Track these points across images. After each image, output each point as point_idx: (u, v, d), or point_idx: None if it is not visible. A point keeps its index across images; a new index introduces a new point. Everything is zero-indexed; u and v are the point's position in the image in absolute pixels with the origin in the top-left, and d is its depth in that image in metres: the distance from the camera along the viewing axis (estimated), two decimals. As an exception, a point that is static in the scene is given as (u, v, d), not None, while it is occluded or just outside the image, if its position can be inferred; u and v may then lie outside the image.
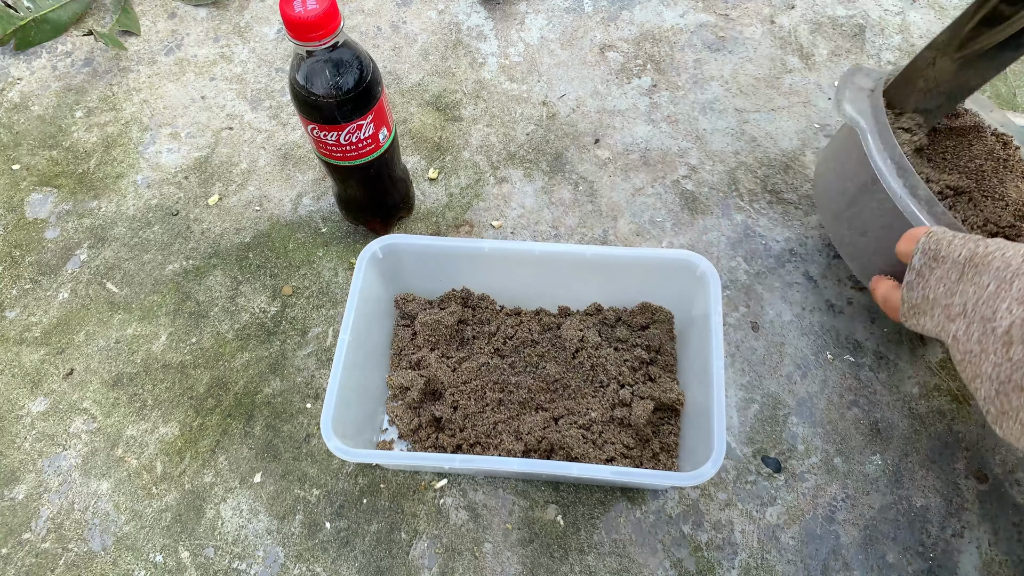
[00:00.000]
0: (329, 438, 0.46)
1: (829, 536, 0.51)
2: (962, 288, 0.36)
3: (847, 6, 0.80)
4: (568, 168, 0.69)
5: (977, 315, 0.35)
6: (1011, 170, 0.57)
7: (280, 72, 0.77)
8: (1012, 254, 0.35)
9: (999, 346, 0.33)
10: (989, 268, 0.35)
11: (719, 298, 0.50)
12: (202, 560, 0.51)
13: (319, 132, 0.51)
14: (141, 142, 0.72)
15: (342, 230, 0.66)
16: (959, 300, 0.36)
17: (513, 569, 0.50)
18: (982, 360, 0.34)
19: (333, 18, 0.45)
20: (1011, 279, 0.34)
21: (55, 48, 0.79)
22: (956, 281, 0.37)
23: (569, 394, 0.54)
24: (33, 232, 0.67)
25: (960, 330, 0.36)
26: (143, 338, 0.61)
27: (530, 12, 0.81)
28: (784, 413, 0.56)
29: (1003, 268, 0.35)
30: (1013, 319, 0.33)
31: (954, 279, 0.37)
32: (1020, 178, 0.56)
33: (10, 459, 0.56)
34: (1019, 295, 0.33)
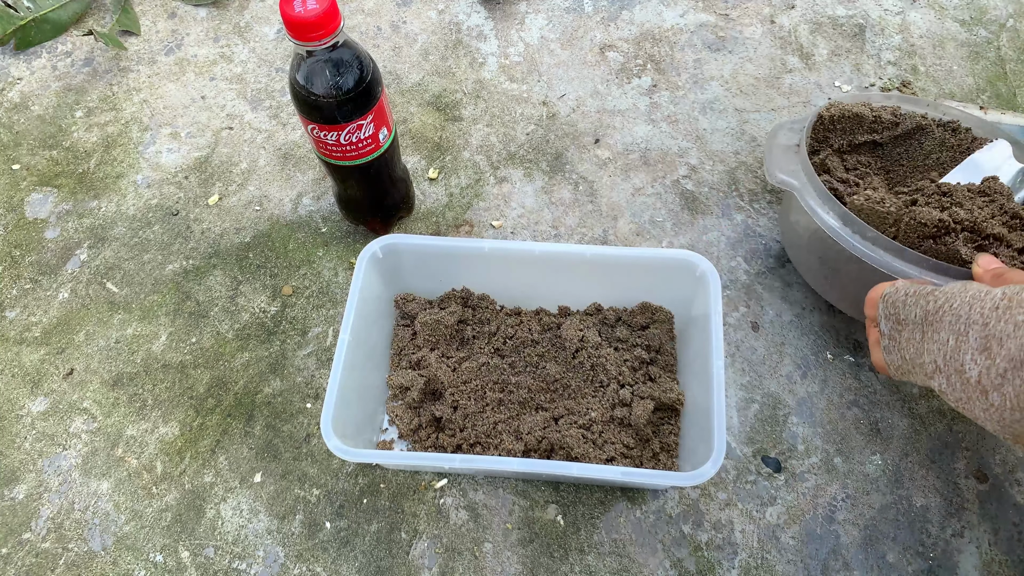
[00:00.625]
0: (329, 438, 0.46)
1: (829, 536, 0.51)
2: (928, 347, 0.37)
3: (847, 6, 0.80)
4: (568, 168, 0.69)
5: (950, 369, 0.35)
6: (966, 151, 0.57)
7: (280, 72, 0.77)
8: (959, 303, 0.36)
9: (977, 395, 0.34)
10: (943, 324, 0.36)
11: (719, 298, 0.50)
12: (202, 560, 0.51)
13: (319, 132, 0.51)
14: (141, 142, 0.72)
15: (342, 230, 0.66)
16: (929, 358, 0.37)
17: (513, 569, 0.50)
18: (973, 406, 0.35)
19: (333, 18, 0.45)
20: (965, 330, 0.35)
21: (55, 48, 0.79)
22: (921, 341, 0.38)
23: (569, 394, 0.54)
24: (33, 232, 0.67)
25: (942, 384, 0.36)
26: (143, 338, 0.61)
27: (530, 12, 0.81)
28: (784, 413, 0.56)
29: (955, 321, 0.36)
30: (980, 369, 0.34)
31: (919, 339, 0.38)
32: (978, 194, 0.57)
33: (10, 459, 0.56)
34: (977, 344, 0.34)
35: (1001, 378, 0.33)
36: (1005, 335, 0.33)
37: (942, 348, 0.36)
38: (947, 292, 0.37)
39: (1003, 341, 0.33)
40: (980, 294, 0.35)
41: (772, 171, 0.54)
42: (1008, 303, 0.34)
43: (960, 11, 0.79)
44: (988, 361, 0.33)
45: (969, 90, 0.73)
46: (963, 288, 0.37)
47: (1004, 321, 0.33)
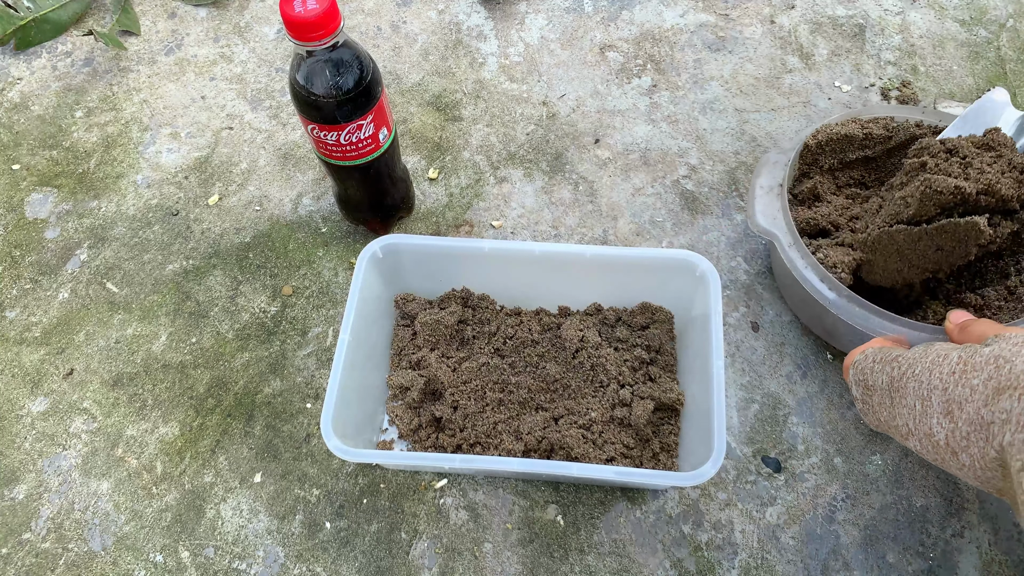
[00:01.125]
0: (329, 438, 0.46)
1: (829, 536, 0.51)
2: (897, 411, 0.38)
3: (847, 6, 0.80)
4: (568, 168, 0.69)
5: (920, 433, 0.36)
6: None
7: (280, 72, 0.77)
8: (921, 369, 0.37)
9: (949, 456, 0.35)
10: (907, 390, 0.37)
11: (719, 298, 0.50)
12: (202, 560, 0.51)
13: (319, 132, 0.51)
14: (141, 142, 0.72)
15: (342, 230, 0.66)
16: (901, 422, 0.38)
17: (513, 569, 0.50)
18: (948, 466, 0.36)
19: (333, 18, 0.45)
20: (928, 395, 0.36)
21: (55, 48, 0.79)
22: (891, 406, 0.39)
23: (569, 394, 0.54)
24: (33, 232, 0.67)
25: (916, 446, 0.37)
26: (143, 338, 0.61)
27: (530, 12, 0.81)
28: (784, 413, 0.56)
29: (918, 387, 0.37)
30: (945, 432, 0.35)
31: (889, 404, 0.39)
32: None
33: (10, 459, 0.56)
34: (940, 408, 0.35)
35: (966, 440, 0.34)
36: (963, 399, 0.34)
37: (910, 412, 0.37)
38: (910, 358, 0.38)
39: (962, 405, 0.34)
40: (939, 359, 0.37)
41: (754, 216, 0.54)
42: (963, 367, 0.35)
43: (960, 11, 0.79)
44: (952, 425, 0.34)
45: (969, 90, 0.73)
46: (924, 353, 0.38)
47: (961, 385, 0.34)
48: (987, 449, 0.33)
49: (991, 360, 0.34)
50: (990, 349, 0.35)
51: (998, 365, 0.33)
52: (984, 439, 0.33)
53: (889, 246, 0.49)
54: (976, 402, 0.33)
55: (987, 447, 0.33)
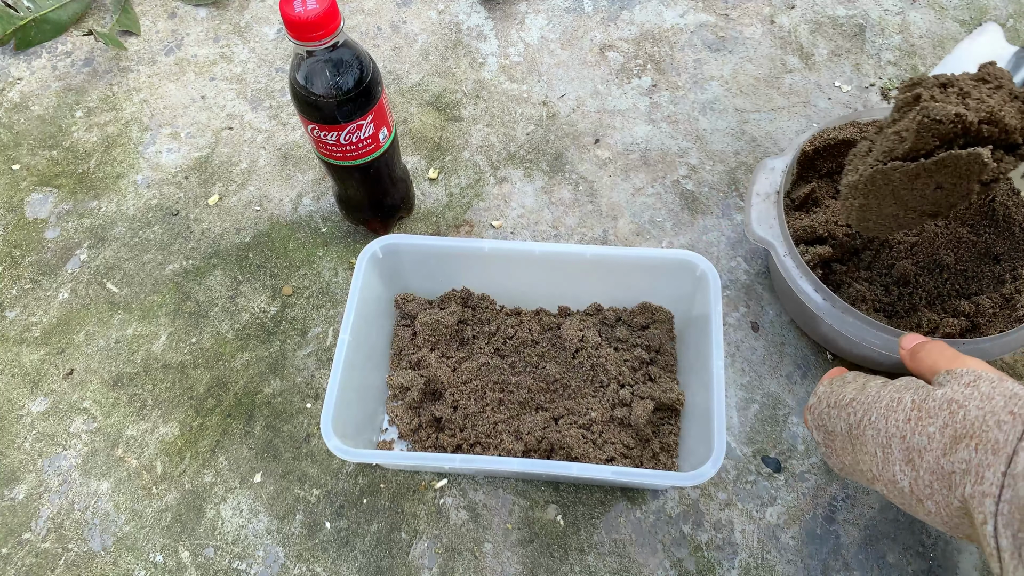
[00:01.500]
0: (329, 438, 0.46)
1: (829, 536, 0.51)
2: (860, 458, 0.37)
3: (847, 6, 0.80)
4: (568, 168, 0.69)
5: (885, 479, 0.35)
6: None
7: (280, 72, 0.77)
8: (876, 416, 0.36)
9: (914, 502, 0.34)
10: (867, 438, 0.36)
11: (719, 298, 0.50)
12: (202, 560, 0.51)
13: (319, 132, 0.51)
14: (141, 142, 0.72)
15: (342, 230, 0.66)
16: (865, 467, 0.37)
17: (513, 569, 0.50)
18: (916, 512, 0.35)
19: (333, 18, 0.45)
20: (888, 443, 0.35)
21: (55, 48, 0.79)
22: (852, 452, 0.38)
23: (569, 394, 0.54)
24: (33, 232, 0.67)
25: (883, 491, 0.36)
26: (143, 338, 0.61)
27: (530, 12, 0.81)
28: (784, 413, 0.56)
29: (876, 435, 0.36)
30: (909, 480, 0.34)
31: (850, 450, 0.38)
32: None
33: (10, 459, 0.56)
34: (902, 456, 0.34)
35: (929, 488, 0.33)
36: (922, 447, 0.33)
37: (872, 459, 0.36)
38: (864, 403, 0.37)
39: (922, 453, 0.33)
40: (893, 404, 0.36)
41: (751, 224, 0.54)
42: (918, 413, 0.34)
43: (960, 11, 0.79)
44: (914, 473, 0.33)
45: (969, 90, 0.73)
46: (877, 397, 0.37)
47: (918, 433, 0.33)
48: (951, 498, 0.32)
49: (944, 405, 0.33)
50: (942, 393, 0.34)
51: (952, 411, 0.33)
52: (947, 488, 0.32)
53: (884, 187, 0.45)
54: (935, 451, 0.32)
55: (950, 496, 0.32)
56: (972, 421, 0.31)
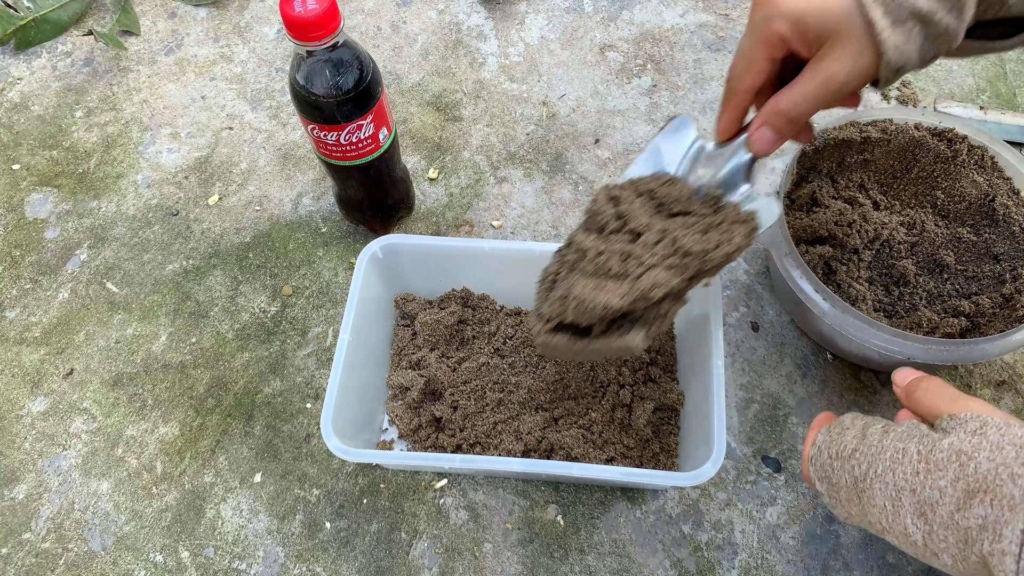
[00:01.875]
0: (329, 438, 0.46)
1: (829, 536, 0.51)
2: (868, 510, 0.36)
3: (847, 6, 0.80)
4: (568, 168, 0.69)
5: (896, 531, 0.34)
6: (962, 164, 0.57)
7: (280, 72, 0.77)
8: (883, 469, 0.35)
9: (929, 555, 0.33)
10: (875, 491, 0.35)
11: (719, 298, 0.50)
12: (202, 560, 0.51)
13: (319, 132, 0.51)
14: (141, 142, 0.72)
15: (342, 230, 0.66)
16: (874, 519, 0.36)
17: (513, 569, 0.50)
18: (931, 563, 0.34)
19: (333, 18, 0.45)
20: (898, 496, 0.34)
21: (55, 48, 0.79)
22: (859, 504, 0.36)
23: (569, 394, 0.54)
24: (33, 232, 0.67)
25: (894, 542, 0.35)
26: (143, 338, 0.61)
27: (530, 12, 0.81)
28: (784, 413, 0.56)
29: (884, 488, 0.34)
30: (922, 534, 0.33)
31: (857, 502, 0.37)
32: (974, 170, 0.57)
33: (10, 459, 0.56)
34: (913, 510, 0.33)
35: (944, 543, 0.32)
36: (934, 502, 0.32)
37: (882, 512, 0.35)
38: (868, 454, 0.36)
39: (934, 508, 0.32)
40: (898, 456, 0.34)
41: None
42: (926, 465, 0.33)
43: (960, 11, 0.79)
44: (927, 527, 0.32)
45: (969, 90, 0.73)
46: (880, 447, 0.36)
47: (928, 487, 0.32)
48: (968, 553, 0.31)
49: (953, 457, 0.32)
50: (948, 443, 0.33)
51: (962, 463, 0.32)
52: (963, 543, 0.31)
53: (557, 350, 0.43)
54: (948, 506, 0.31)
55: (968, 551, 0.31)
56: (984, 474, 0.31)
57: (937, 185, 0.58)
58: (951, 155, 0.57)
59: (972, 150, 0.57)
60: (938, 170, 0.58)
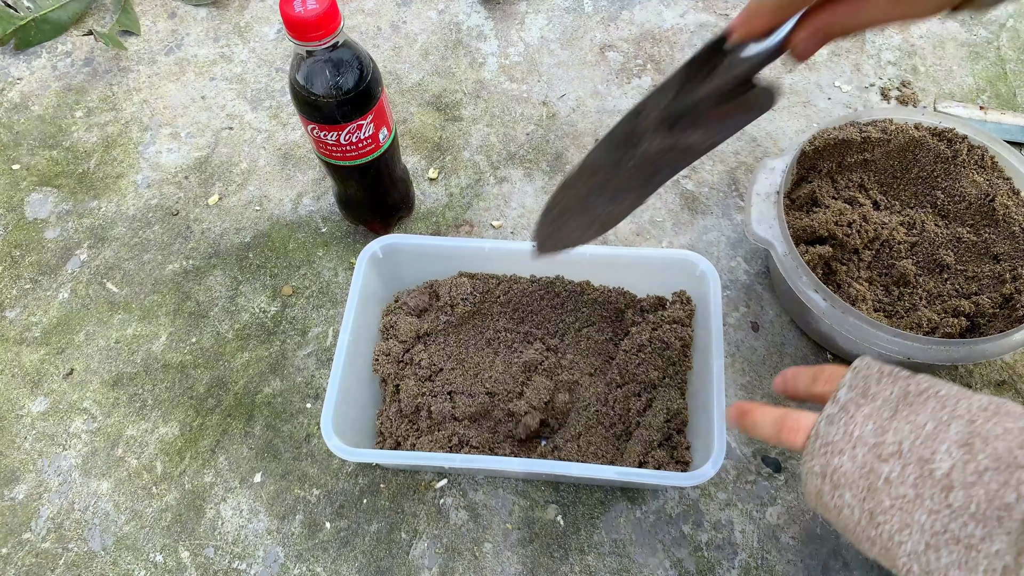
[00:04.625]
0: (329, 438, 0.46)
1: (829, 536, 0.51)
2: (896, 426, 0.34)
3: (847, 6, 0.80)
4: (568, 168, 0.69)
5: (914, 456, 0.33)
6: (962, 164, 0.57)
7: (280, 72, 0.77)
8: (946, 393, 0.34)
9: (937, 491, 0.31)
10: (926, 408, 0.34)
11: (719, 298, 0.50)
12: (202, 560, 0.51)
13: (319, 132, 0.51)
14: (141, 142, 0.72)
15: (342, 230, 0.66)
16: (892, 439, 0.34)
17: (513, 569, 0.50)
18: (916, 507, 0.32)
19: (333, 18, 0.45)
20: (948, 421, 0.33)
21: (55, 48, 0.79)
22: (889, 419, 0.35)
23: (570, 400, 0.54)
24: (33, 232, 0.67)
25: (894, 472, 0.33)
26: (143, 338, 0.61)
27: (530, 12, 0.81)
28: (784, 413, 0.56)
29: (939, 409, 0.33)
30: (953, 462, 0.31)
31: (886, 417, 0.35)
32: (974, 170, 0.57)
33: (10, 459, 0.56)
34: (958, 438, 0.32)
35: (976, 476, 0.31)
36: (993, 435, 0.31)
37: (915, 431, 0.33)
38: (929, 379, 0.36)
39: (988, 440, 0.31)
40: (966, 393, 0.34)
41: (750, 224, 0.54)
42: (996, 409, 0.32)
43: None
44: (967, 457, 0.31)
45: (969, 90, 0.73)
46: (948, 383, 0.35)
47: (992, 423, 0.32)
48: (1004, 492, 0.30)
49: None
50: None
51: None
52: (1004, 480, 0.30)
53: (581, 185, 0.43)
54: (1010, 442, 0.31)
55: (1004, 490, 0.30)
56: None
57: (937, 185, 0.58)
58: (951, 155, 0.57)
59: (972, 150, 0.57)
60: (938, 170, 0.58)
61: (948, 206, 0.57)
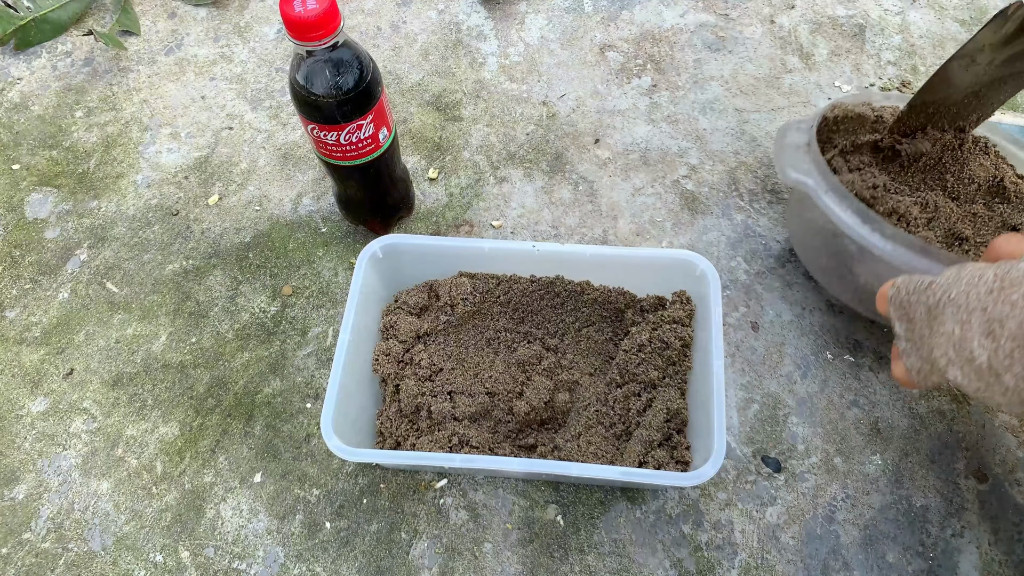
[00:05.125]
0: (329, 438, 0.46)
1: (829, 536, 0.51)
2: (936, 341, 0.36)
3: (847, 6, 0.80)
4: (568, 168, 0.69)
5: (961, 359, 0.35)
6: (968, 152, 0.57)
7: (280, 72, 0.77)
8: (957, 293, 0.35)
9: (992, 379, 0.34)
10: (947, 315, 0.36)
11: (719, 298, 0.50)
12: (202, 560, 0.51)
13: (319, 132, 0.51)
14: (141, 142, 0.72)
15: (342, 230, 0.66)
16: (940, 352, 0.36)
17: (513, 569, 0.50)
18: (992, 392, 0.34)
19: (333, 18, 0.45)
20: (968, 318, 0.34)
21: (55, 48, 0.79)
22: (930, 336, 0.37)
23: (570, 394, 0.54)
24: (33, 232, 0.67)
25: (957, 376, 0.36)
26: (143, 338, 0.61)
27: (530, 12, 0.81)
28: (784, 413, 0.56)
29: (957, 311, 0.35)
30: (988, 353, 0.33)
31: (928, 335, 0.37)
32: (980, 154, 0.57)
33: (10, 459, 0.56)
34: (981, 328, 0.34)
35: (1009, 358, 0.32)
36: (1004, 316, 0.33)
37: (950, 339, 0.35)
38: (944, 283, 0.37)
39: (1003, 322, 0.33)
40: (975, 279, 0.35)
41: (784, 170, 0.54)
42: (1000, 284, 0.34)
43: (960, 11, 0.79)
44: (994, 344, 0.33)
45: (969, 90, 0.73)
46: (957, 276, 0.37)
47: (1000, 303, 0.33)
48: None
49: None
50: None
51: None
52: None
53: None
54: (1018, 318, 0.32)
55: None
56: None
57: (946, 170, 0.58)
58: (958, 143, 0.57)
59: (976, 140, 0.58)
60: (947, 156, 0.58)
61: (959, 188, 0.58)
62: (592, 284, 0.56)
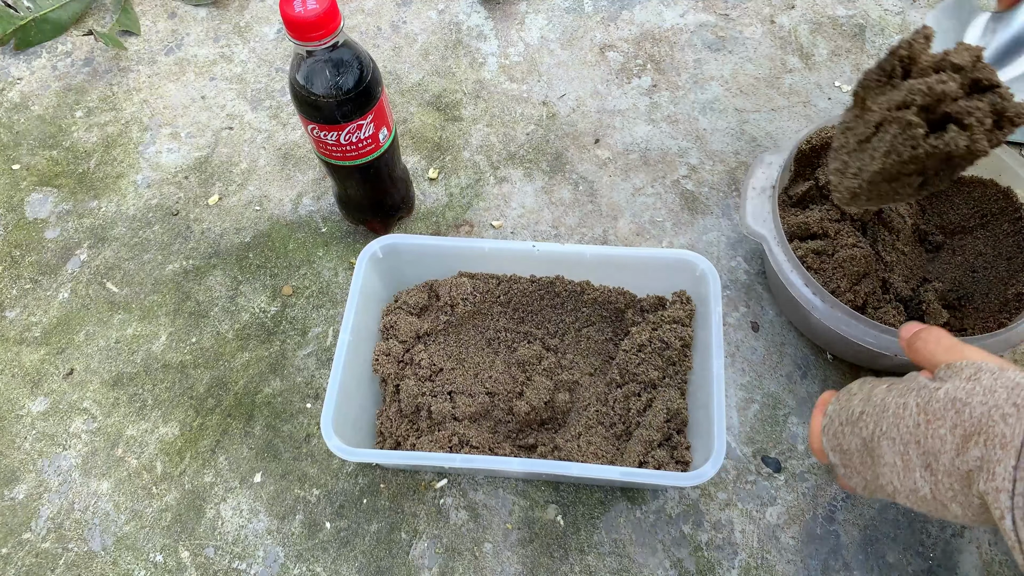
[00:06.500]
0: (329, 438, 0.46)
1: (829, 536, 0.51)
2: (880, 471, 0.36)
3: (847, 6, 0.80)
4: (568, 168, 0.69)
5: (906, 490, 0.35)
6: None
7: (280, 72, 0.77)
8: (888, 426, 0.35)
9: (939, 508, 0.34)
10: (883, 449, 0.36)
11: (719, 298, 0.50)
12: (202, 560, 0.51)
13: (319, 132, 0.51)
14: (141, 142, 0.72)
15: (342, 230, 0.66)
16: (885, 481, 0.36)
17: (513, 569, 0.50)
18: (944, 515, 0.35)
19: (333, 18, 0.45)
20: (905, 450, 0.34)
21: (55, 48, 0.79)
22: (872, 466, 0.37)
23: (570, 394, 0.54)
24: (33, 232, 0.67)
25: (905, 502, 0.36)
26: (143, 338, 0.61)
27: (530, 12, 0.81)
28: (784, 413, 0.56)
29: (892, 445, 0.35)
30: (929, 486, 0.34)
31: (870, 464, 0.37)
32: None
33: (10, 459, 0.56)
34: (921, 462, 0.34)
35: (951, 491, 0.33)
36: (937, 451, 0.33)
37: (892, 470, 0.35)
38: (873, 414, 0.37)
39: (938, 457, 0.33)
40: (900, 411, 0.35)
41: (744, 219, 0.54)
42: (925, 416, 0.34)
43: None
44: (933, 478, 0.33)
45: (969, 90, 0.73)
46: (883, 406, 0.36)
47: (930, 437, 0.33)
48: (971, 498, 0.32)
49: (949, 405, 0.33)
50: (944, 392, 0.34)
51: (957, 410, 0.32)
52: (966, 487, 0.32)
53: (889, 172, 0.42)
54: (949, 453, 0.32)
55: (970, 495, 0.32)
56: (978, 418, 0.31)
57: None
58: None
59: None
60: None
61: None
62: (592, 284, 0.56)
